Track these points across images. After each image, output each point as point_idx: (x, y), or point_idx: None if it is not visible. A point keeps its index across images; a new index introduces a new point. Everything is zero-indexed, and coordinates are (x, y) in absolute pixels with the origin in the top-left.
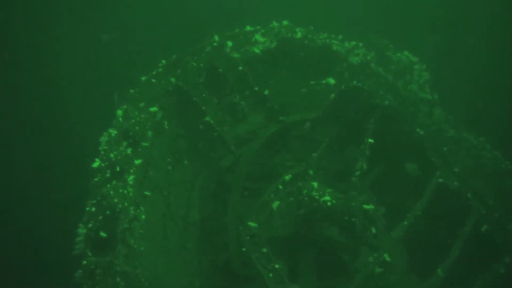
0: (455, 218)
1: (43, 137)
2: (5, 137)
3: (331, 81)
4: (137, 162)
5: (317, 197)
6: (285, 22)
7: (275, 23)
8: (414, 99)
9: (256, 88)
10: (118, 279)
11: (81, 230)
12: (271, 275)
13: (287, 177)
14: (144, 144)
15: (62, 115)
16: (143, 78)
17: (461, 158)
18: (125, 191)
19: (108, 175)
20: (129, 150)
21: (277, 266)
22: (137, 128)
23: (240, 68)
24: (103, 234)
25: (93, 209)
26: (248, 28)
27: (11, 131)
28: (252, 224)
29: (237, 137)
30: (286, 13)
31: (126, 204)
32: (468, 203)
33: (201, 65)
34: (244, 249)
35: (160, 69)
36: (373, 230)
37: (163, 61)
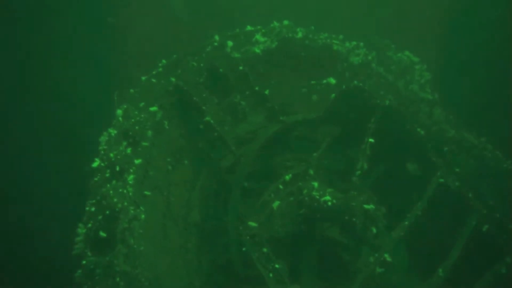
0: (456, 218)
1: (43, 136)
2: (4, 137)
3: (332, 81)
4: (137, 161)
5: (317, 197)
6: (285, 22)
7: (275, 23)
8: (415, 99)
9: (257, 88)
10: (118, 279)
11: (81, 230)
12: (271, 275)
13: (287, 177)
14: (144, 143)
15: (62, 115)
16: (143, 78)
17: (462, 158)
18: (125, 191)
19: (108, 174)
20: (129, 150)
21: (277, 266)
22: (137, 127)
23: (241, 68)
24: (102, 234)
25: (93, 209)
26: (249, 28)
27: (11, 131)
28: (252, 224)
29: (238, 137)
30: (287, 13)
31: (125, 203)
32: (469, 203)
33: (202, 65)
34: (244, 249)
35: (160, 69)
36: (374, 230)
37: (163, 60)
